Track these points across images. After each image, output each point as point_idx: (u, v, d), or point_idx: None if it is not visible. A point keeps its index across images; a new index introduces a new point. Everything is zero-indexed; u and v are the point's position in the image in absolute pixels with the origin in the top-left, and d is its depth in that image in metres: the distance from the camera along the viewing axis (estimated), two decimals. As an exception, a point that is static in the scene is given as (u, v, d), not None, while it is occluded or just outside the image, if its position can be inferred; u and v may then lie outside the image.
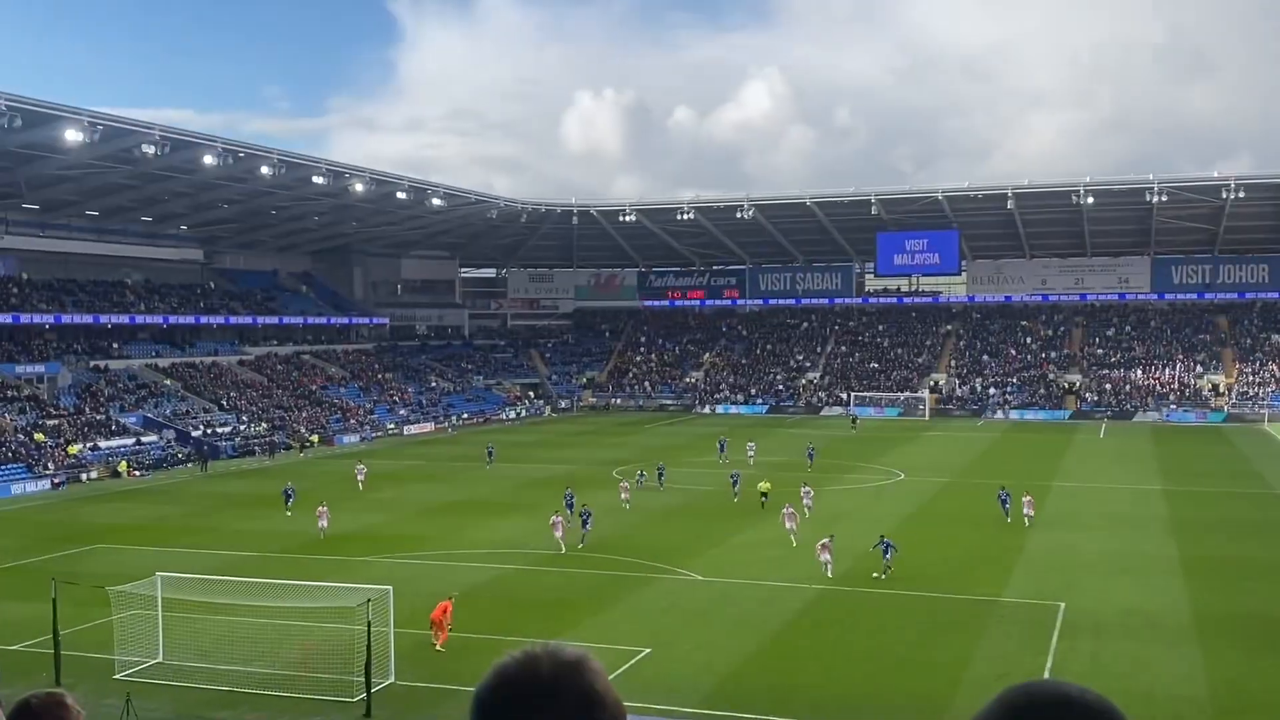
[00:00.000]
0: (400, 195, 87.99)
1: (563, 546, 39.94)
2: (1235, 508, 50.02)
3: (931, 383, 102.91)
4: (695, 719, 23.45)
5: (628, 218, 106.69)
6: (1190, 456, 68.53)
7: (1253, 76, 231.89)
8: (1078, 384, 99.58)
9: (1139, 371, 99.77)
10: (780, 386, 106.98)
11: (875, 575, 35.01)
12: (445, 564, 38.90)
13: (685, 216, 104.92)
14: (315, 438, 79.17)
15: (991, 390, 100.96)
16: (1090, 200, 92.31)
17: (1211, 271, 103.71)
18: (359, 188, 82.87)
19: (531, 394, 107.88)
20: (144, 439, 71.73)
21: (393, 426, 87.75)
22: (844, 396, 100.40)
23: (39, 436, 66.29)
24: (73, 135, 62.08)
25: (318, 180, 79.44)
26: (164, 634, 27.85)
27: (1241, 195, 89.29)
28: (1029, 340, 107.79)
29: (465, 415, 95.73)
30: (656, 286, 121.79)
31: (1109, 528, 44.75)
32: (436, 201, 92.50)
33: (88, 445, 67.74)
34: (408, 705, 24.92)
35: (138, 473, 65.85)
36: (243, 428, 78.13)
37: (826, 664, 27.55)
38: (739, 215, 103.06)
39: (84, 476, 64.02)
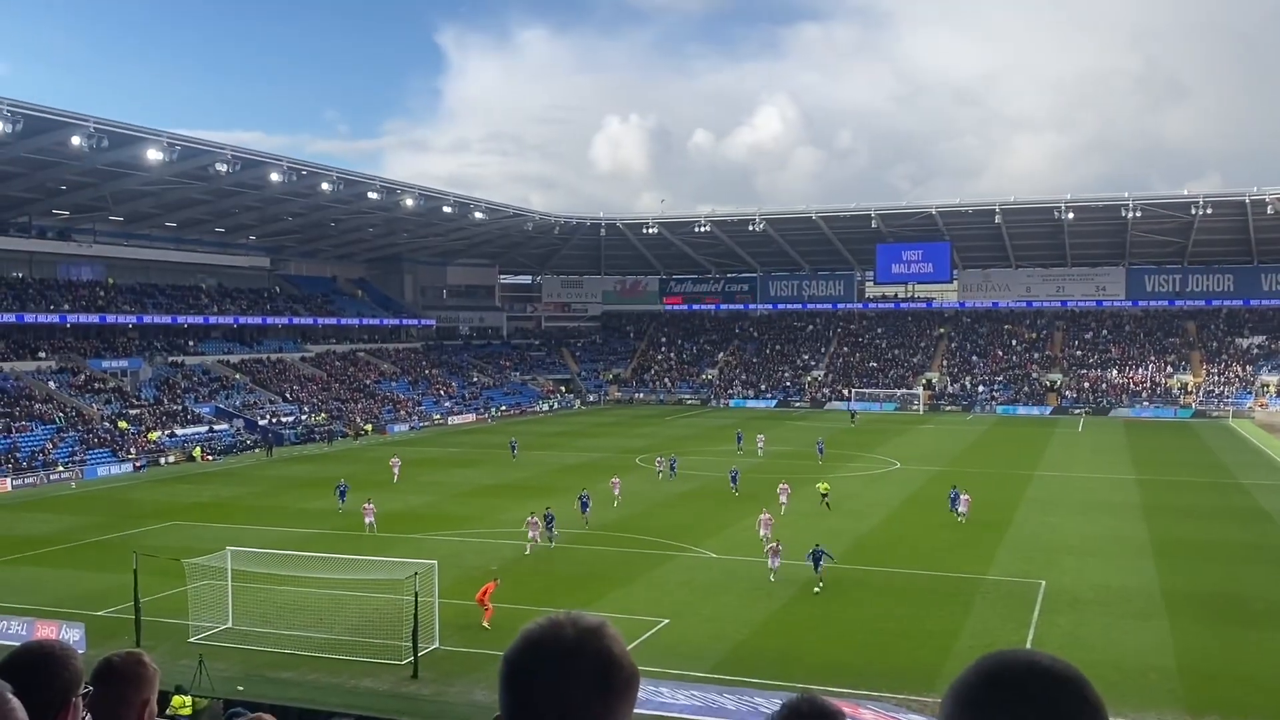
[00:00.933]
0: (446, 209, 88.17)
1: (527, 548, 36.69)
2: (1201, 495, 49.55)
3: (925, 380, 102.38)
4: (709, 683, 23.42)
5: (650, 230, 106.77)
6: (1161, 449, 67.95)
7: (1222, 103, 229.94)
8: (1059, 382, 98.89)
9: (1114, 371, 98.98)
10: (788, 383, 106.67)
11: (815, 590, 30.97)
12: (485, 541, 39.02)
13: (702, 229, 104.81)
14: (369, 427, 79.48)
15: (980, 388, 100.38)
16: (1070, 215, 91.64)
17: (1181, 281, 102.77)
18: (409, 203, 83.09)
19: (563, 389, 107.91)
20: (216, 427, 72.18)
21: (438, 417, 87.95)
22: (845, 393, 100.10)
23: (122, 424, 66.81)
24: (153, 154, 62.51)
25: (372, 196, 79.71)
26: (233, 602, 28.05)
27: (1209, 212, 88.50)
28: (1014, 342, 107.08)
29: (503, 407, 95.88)
30: (676, 292, 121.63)
31: (1087, 513, 44.43)
32: (478, 215, 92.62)
33: (166, 432, 68.22)
34: (451, 668, 25.00)
35: (210, 457, 66.27)
36: (304, 417, 78.49)
37: (827, 635, 27.47)
38: (751, 228, 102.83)
39: (162, 460, 64.48)
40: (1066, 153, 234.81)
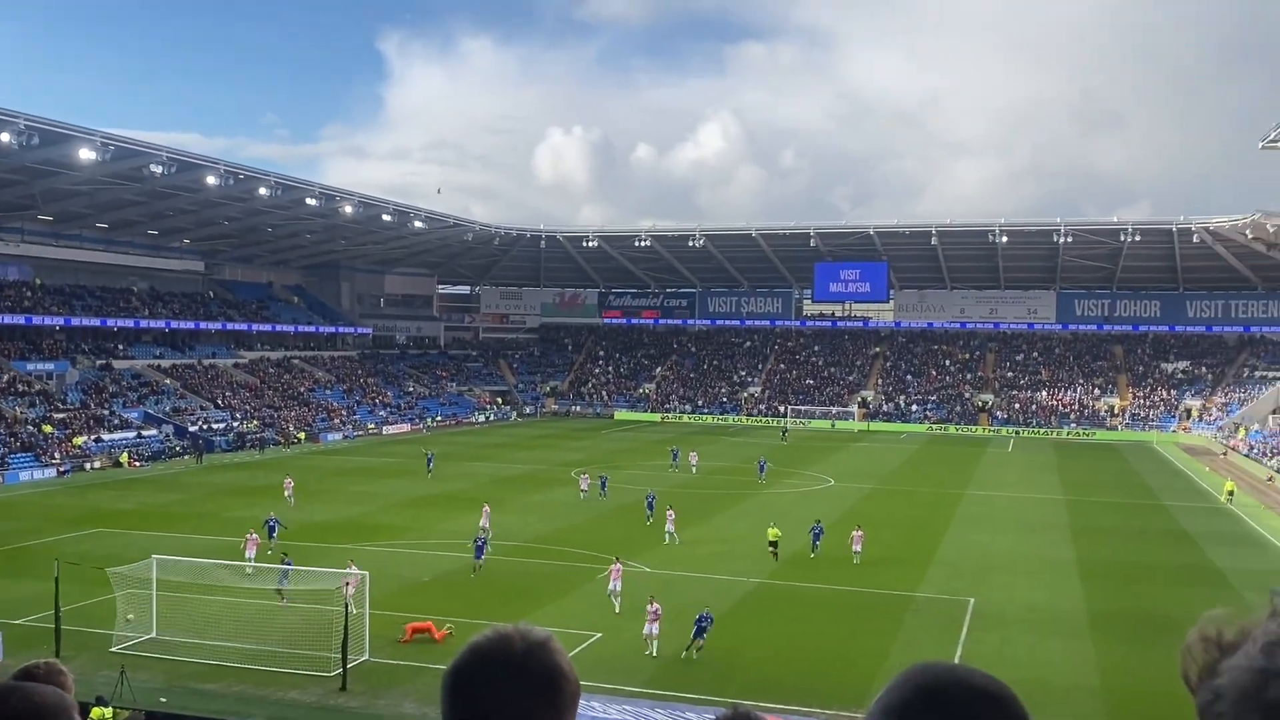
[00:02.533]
0: (385, 217, 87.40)
1: (248, 567, 32.57)
2: (1126, 516, 50.64)
3: (860, 399, 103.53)
4: (642, 698, 23.39)
5: (590, 243, 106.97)
6: (1088, 470, 69.36)
7: (1154, 134, 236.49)
8: (990, 402, 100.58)
9: (1044, 393, 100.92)
10: (725, 399, 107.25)
11: (684, 655, 26.62)
12: (418, 552, 38.61)
13: (643, 244, 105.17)
14: (302, 435, 78.37)
15: (914, 406, 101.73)
16: (1004, 239, 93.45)
17: (1110, 305, 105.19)
18: (348, 210, 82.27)
19: (500, 400, 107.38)
20: (144, 433, 70.66)
21: (373, 427, 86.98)
22: (782, 409, 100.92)
23: (47, 428, 65.11)
24: (86, 154, 61.16)
25: (311, 202, 78.76)
26: (158, 612, 27.44)
27: (1137, 239, 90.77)
28: (948, 363, 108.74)
29: (439, 418, 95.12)
30: (615, 305, 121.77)
31: (1015, 532, 45.19)
32: (418, 224, 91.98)
33: (92, 437, 66.63)
34: (381, 680, 24.69)
35: (138, 463, 64.84)
36: (236, 424, 77.15)
37: (760, 651, 27.58)
38: (691, 244, 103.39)
39: (88, 466, 62.91)
40: (1004, 177, 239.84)
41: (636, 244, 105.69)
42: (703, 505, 50.23)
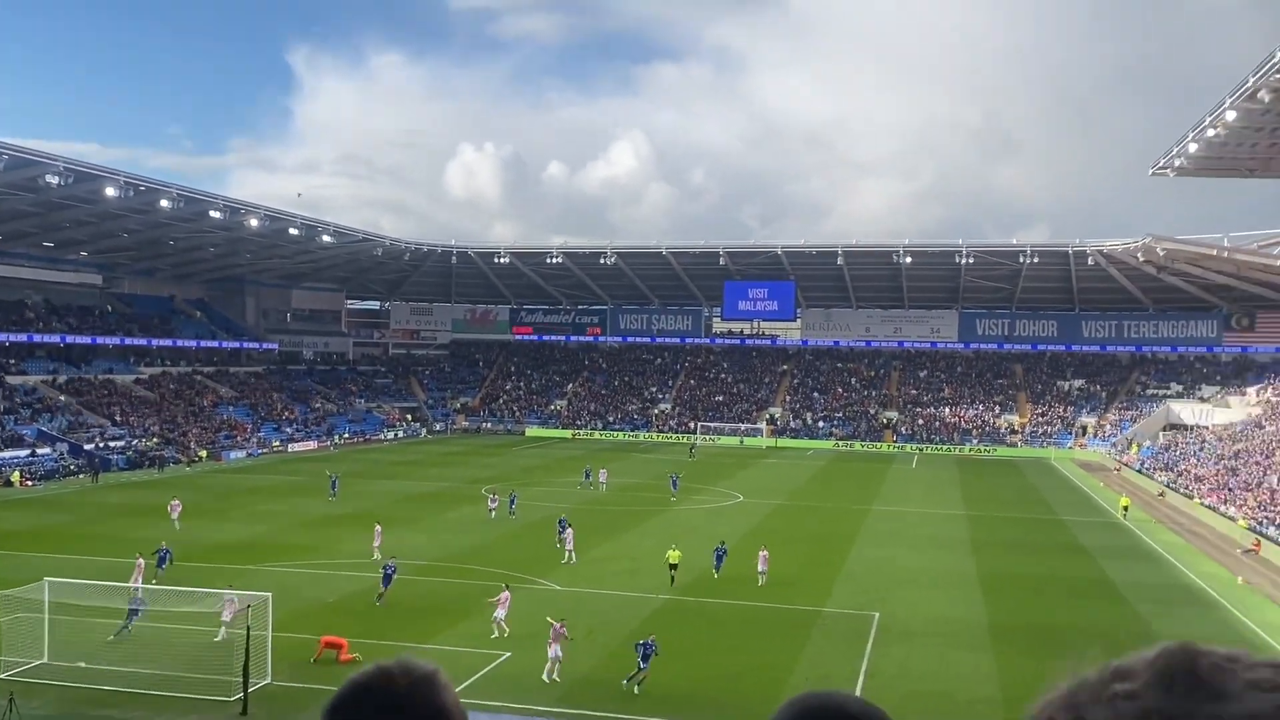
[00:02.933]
0: (293, 231, 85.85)
1: (140, 597, 30.02)
2: (1025, 530, 52.05)
3: (769, 415, 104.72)
4: (551, 716, 23.28)
5: (502, 260, 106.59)
6: (988, 485, 71.13)
7: (1051, 158, 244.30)
8: (895, 419, 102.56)
9: (947, 410, 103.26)
10: (636, 416, 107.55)
11: (625, 684, 25.77)
12: (324, 573, 37.89)
13: (554, 260, 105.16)
14: (204, 453, 76.39)
15: (821, 423, 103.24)
16: (908, 260, 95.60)
17: (1010, 325, 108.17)
18: (254, 223, 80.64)
19: (409, 417, 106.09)
20: (38, 451, 68.13)
21: (278, 444, 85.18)
22: (692, 426, 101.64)
23: (-70, 446, 62.43)
24: (-24, 162, 59.03)
25: (215, 215, 77.00)
26: (50, 636, 26.47)
27: (1035, 261, 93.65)
28: (854, 380, 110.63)
29: (347, 435, 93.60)
30: (527, 322, 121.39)
31: (919, 546, 46.10)
32: (326, 238, 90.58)
33: (-21, 456, 64.03)
34: (283, 705, 24.14)
35: (30, 483, 62.47)
36: (135, 442, 74.85)
37: (670, 668, 27.62)
38: (603, 261, 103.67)
39: (-26, 485, 60.45)
40: (908, 198, 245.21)
41: (548, 261, 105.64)
42: (613, 522, 50.29)
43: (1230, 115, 56.25)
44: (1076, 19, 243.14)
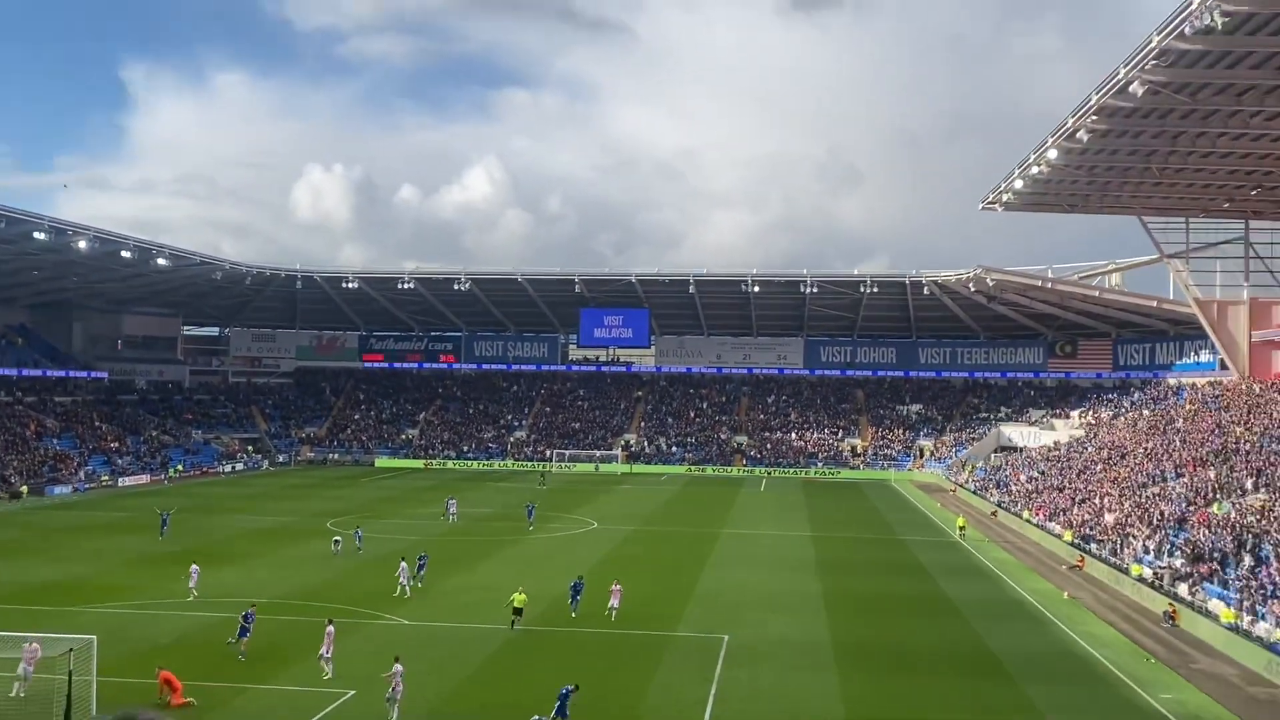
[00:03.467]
0: (125, 254, 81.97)
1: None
2: (868, 550, 53.64)
3: (624, 441, 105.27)
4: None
5: (351, 285, 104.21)
6: (833, 507, 73.09)
7: (891, 192, 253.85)
8: (744, 444, 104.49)
9: (794, 434, 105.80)
10: (491, 444, 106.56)
11: None
12: (153, 613, 36.12)
13: (406, 286, 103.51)
14: (25, 488, 72.03)
15: (674, 448, 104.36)
16: (756, 289, 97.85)
17: (852, 352, 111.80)
18: (82, 245, 76.77)
19: (250, 448, 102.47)
20: None
21: (107, 478, 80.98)
22: (547, 453, 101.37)
23: None
24: None
25: (39, 236, 73.01)
26: None
27: (875, 290, 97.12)
28: (706, 406, 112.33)
29: (182, 468, 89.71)
30: (377, 349, 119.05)
31: (767, 568, 46.96)
32: (161, 261, 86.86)
33: None
34: (110, 754, 22.87)
35: None
36: (-54, 478, 70.04)
37: (520, 698, 27.31)
38: (456, 287, 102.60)
39: None
40: (758, 229, 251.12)
41: (400, 286, 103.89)
42: (466, 553, 49.60)
43: (1052, 154, 59.61)
44: (911, 60, 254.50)
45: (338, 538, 50.34)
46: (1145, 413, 79.24)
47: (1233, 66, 45.00)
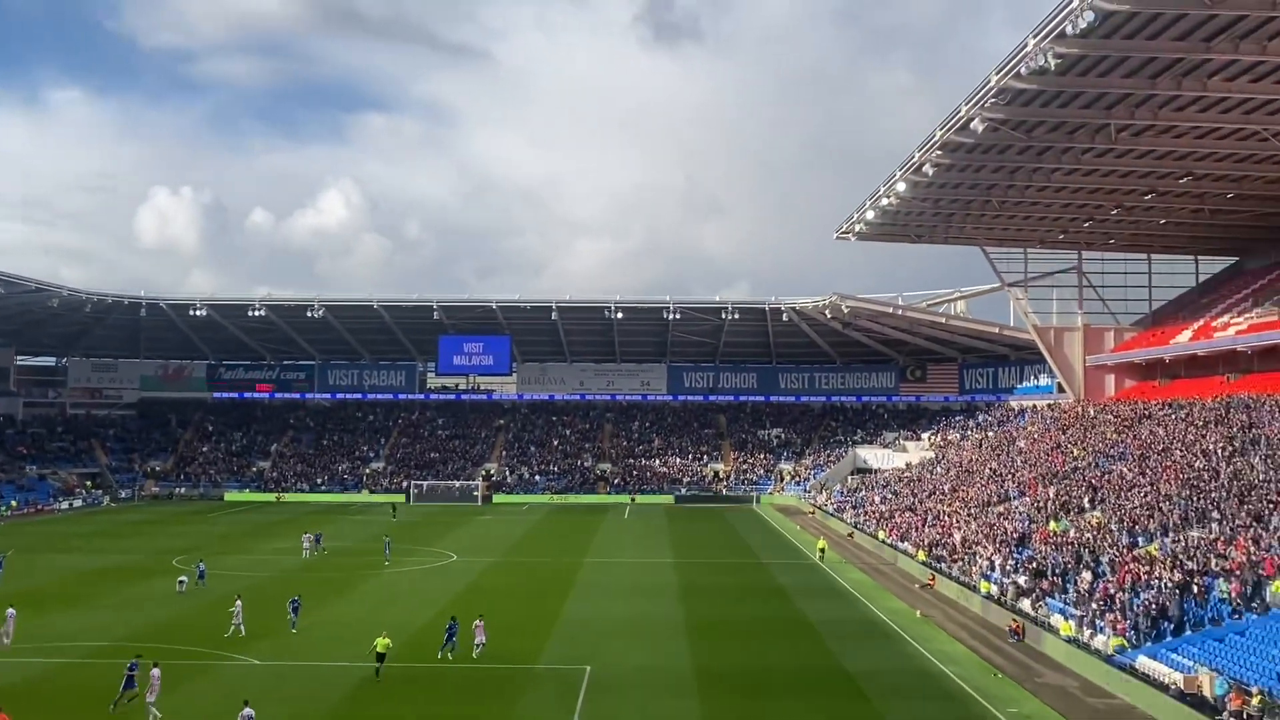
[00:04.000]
0: (-49, 280, 77.59)
1: None
2: (730, 575, 54.34)
3: (485, 471, 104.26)
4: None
5: (199, 312, 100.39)
6: (696, 533, 73.83)
7: (752, 220, 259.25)
8: (608, 471, 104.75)
9: (658, 460, 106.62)
10: (346, 476, 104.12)
11: None
12: (-17, 663, 34.01)
13: (257, 313, 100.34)
14: None
15: (537, 477, 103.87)
16: (619, 315, 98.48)
17: (714, 378, 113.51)
18: (-97, 270, 72.27)
19: (90, 484, 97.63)
20: None
21: (-69, 518, 76.05)
22: (405, 484, 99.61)
23: None
24: None
25: None
26: None
27: (736, 317, 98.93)
28: (569, 433, 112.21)
29: (15, 504, 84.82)
30: (226, 379, 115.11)
31: (630, 596, 47.12)
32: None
33: None
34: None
35: None
36: None
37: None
38: (310, 314, 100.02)
39: None
40: (622, 256, 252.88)
41: (250, 313, 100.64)
42: (321, 589, 48.22)
43: (901, 187, 62.02)
44: (770, 92, 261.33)
45: (183, 576, 48.33)
46: (990, 434, 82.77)
47: (1065, 105, 47.74)
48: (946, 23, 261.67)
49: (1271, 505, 38.13)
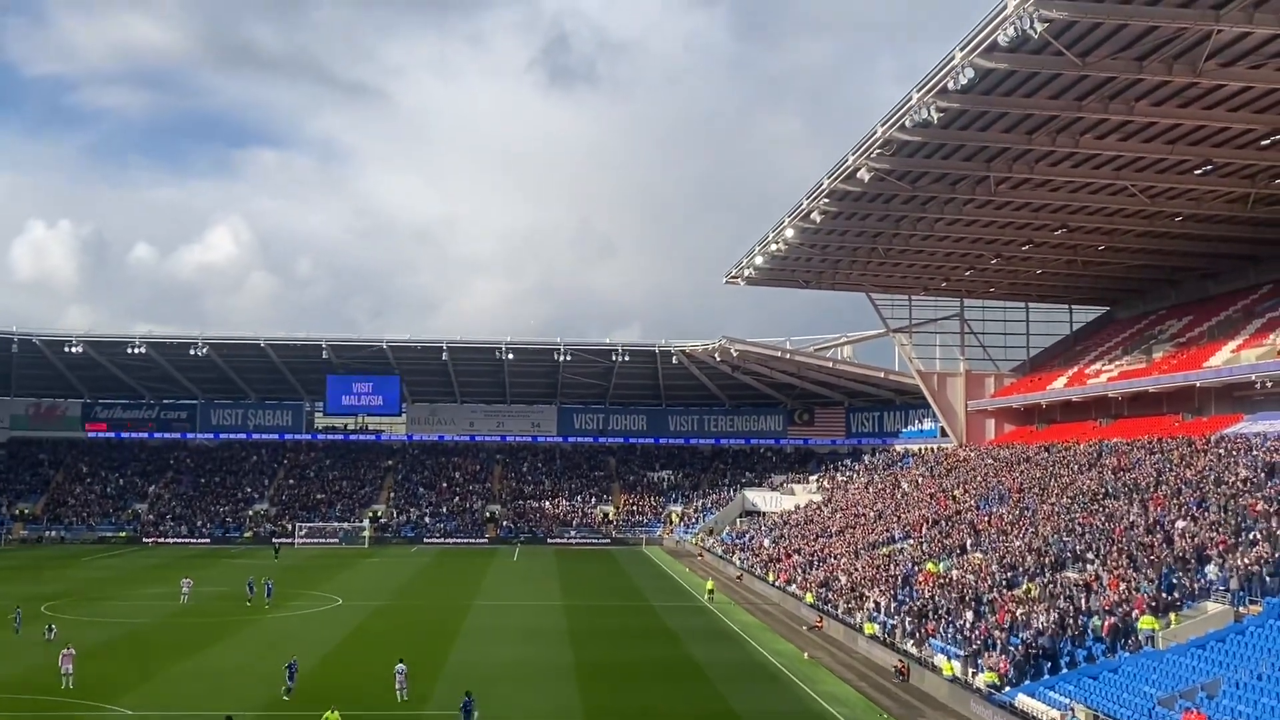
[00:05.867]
0: None
1: None
2: (619, 618, 53.77)
3: (373, 513, 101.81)
4: None
5: (74, 349, 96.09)
6: (585, 575, 73.05)
7: (644, 262, 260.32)
8: (498, 513, 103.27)
9: (547, 502, 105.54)
10: (228, 518, 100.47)
11: None
12: None
13: (136, 351, 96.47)
14: None
15: (426, 519, 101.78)
16: (510, 356, 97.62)
17: (604, 419, 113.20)
18: None
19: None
20: None
21: None
22: (289, 527, 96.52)
23: None
24: None
25: None
26: None
27: (627, 359, 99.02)
28: (458, 475, 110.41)
29: None
30: (102, 418, 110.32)
31: (519, 640, 46.17)
32: None
33: None
34: None
35: None
36: None
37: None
38: (193, 352, 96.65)
39: None
40: (516, 296, 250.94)
41: (130, 350, 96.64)
42: (199, 635, 46.10)
43: (789, 233, 63.00)
44: (663, 137, 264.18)
45: (51, 624, 45.67)
46: (876, 477, 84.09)
47: (948, 157, 49.18)
48: (837, 73, 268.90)
49: (1141, 546, 39.33)
